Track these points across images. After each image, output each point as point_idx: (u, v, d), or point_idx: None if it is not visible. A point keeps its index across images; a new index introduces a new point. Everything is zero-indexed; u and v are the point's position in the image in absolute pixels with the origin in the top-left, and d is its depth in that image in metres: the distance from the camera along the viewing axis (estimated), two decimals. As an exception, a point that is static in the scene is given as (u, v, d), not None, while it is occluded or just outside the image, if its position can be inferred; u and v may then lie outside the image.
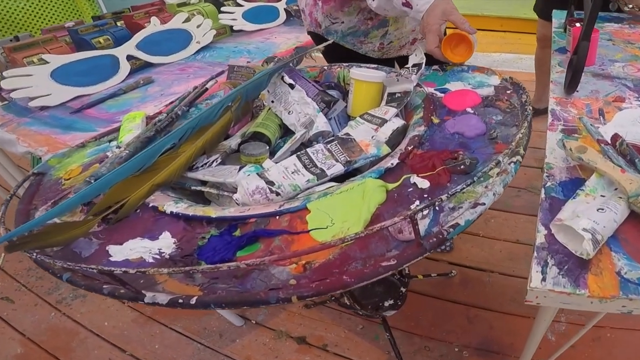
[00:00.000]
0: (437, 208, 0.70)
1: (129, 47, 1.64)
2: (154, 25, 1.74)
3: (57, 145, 1.22)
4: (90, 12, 3.75)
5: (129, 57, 1.62)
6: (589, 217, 0.64)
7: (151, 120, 1.04)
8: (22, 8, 3.28)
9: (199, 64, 1.66)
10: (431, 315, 1.65)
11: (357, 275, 0.60)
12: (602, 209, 0.66)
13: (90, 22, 1.80)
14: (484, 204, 0.68)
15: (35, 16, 3.38)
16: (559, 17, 1.63)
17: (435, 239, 0.63)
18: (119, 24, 1.80)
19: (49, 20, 3.48)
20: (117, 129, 1.08)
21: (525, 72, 3.19)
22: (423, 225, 0.67)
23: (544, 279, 0.61)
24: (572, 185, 0.76)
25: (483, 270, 1.79)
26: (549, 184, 0.77)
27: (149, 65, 1.67)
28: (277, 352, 1.58)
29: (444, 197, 0.60)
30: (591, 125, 0.86)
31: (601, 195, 0.71)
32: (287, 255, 0.58)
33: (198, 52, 1.76)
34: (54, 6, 3.51)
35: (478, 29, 1.10)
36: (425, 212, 0.69)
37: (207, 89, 1.12)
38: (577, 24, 1.27)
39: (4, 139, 1.32)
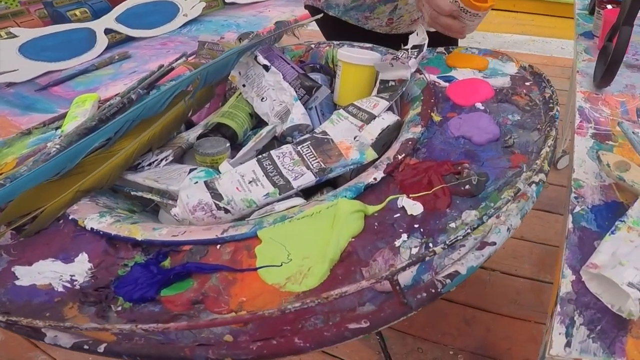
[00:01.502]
0: (429, 246, 0.48)
1: (108, 20, 1.41)
2: (138, -4, 1.52)
3: (11, 129, 1.02)
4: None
5: (108, 31, 1.40)
6: (636, 266, 0.44)
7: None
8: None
9: (183, 38, 1.43)
10: (426, 315, 1.47)
11: (314, 339, 0.42)
12: (653, 253, 0.45)
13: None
14: (494, 243, 0.47)
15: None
16: (582, -4, 1.38)
17: (425, 294, 0.43)
18: (99, -5, 1.57)
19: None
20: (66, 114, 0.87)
21: (537, 55, 2.92)
22: (411, 271, 0.46)
23: (568, 344, 0.42)
24: (608, 212, 0.55)
25: (483, 267, 1.60)
26: (578, 209, 0.55)
27: (130, 39, 1.45)
28: (262, 349, 1.42)
29: (438, 249, 0.39)
30: (633, 133, 0.63)
31: (648, 229, 0.50)
32: (200, 325, 0.38)
33: (184, 25, 1.53)
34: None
35: (488, 9, 0.85)
36: (413, 250, 0.48)
37: (173, 69, 0.90)
38: (609, 6, 1.04)
39: (-41, 119, 1.12)
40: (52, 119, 0.92)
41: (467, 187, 0.54)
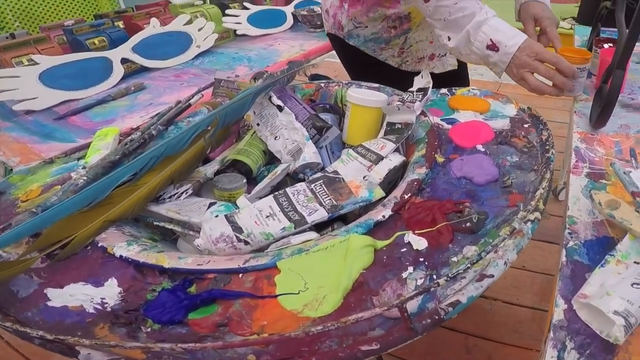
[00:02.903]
0: (433, 278, 0.55)
1: (125, 50, 1.50)
2: (153, 27, 1.60)
3: (31, 156, 1.08)
4: (109, 8, 3.63)
5: (124, 60, 1.48)
6: (621, 296, 0.50)
7: (127, 137, 0.90)
8: (40, 0, 3.16)
9: (196, 70, 1.51)
10: (427, 343, 1.51)
11: (330, 359, 0.47)
12: (638, 284, 0.51)
13: (92, 20, 1.67)
14: (492, 276, 0.53)
15: (54, 9, 3.27)
16: (582, 33, 1.46)
17: (429, 320, 0.49)
18: (117, 24, 1.66)
19: (69, 14, 3.37)
20: (88, 146, 0.94)
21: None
22: (417, 300, 0.52)
23: None
24: (599, 247, 0.61)
25: (485, 297, 1.64)
26: (571, 243, 0.62)
27: (144, 69, 1.53)
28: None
29: (441, 281, 0.45)
30: (624, 173, 0.70)
31: (635, 262, 0.56)
32: (234, 344, 0.44)
33: (197, 57, 1.61)
34: (74, 0, 3.39)
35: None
36: (419, 282, 0.55)
37: (190, 105, 0.98)
38: (606, 45, 1.10)
39: (-21, 145, 1.19)
40: (73, 149, 0.98)
41: (468, 224, 0.61)
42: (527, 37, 0.89)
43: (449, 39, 0.93)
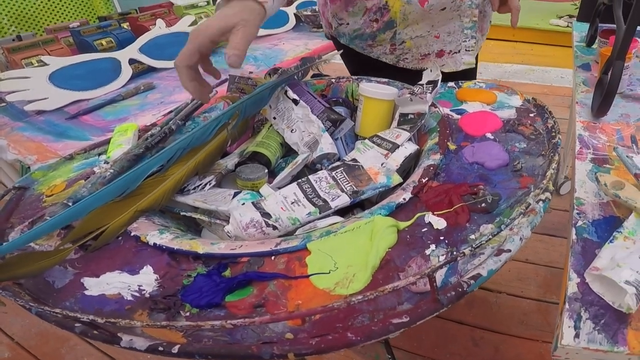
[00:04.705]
0: (454, 254, 0.59)
1: (132, 51, 1.54)
2: (159, 28, 1.64)
3: (47, 154, 1.12)
4: (105, 12, 3.66)
5: (132, 61, 1.52)
6: (631, 267, 0.54)
7: (145, 133, 0.94)
8: (36, 5, 3.19)
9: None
10: (435, 336, 1.55)
11: (364, 333, 0.51)
12: (646, 257, 0.56)
13: (97, 22, 1.71)
14: (510, 250, 0.57)
15: (49, 13, 3.30)
16: (580, 29, 1.52)
17: (453, 293, 0.53)
18: (123, 25, 1.70)
19: (64, 18, 3.40)
20: (108, 142, 0.98)
21: (537, 84, 3.06)
22: (439, 275, 0.56)
23: (577, 335, 0.52)
24: (607, 225, 0.66)
25: (490, 290, 1.70)
26: (580, 223, 0.66)
27: (152, 69, 1.57)
28: (272, 368, 1.48)
29: (467, 251, 0.49)
30: (627, 157, 0.74)
31: (641, 238, 0.61)
32: (281, 317, 0.47)
33: (203, 57, 1.66)
34: (69, 4, 3.42)
35: (488, 39, 0.99)
36: (441, 258, 0.59)
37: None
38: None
39: (-5, 145, 1.23)
40: (92, 145, 1.02)
41: (483, 205, 0.65)
42: None
43: None
